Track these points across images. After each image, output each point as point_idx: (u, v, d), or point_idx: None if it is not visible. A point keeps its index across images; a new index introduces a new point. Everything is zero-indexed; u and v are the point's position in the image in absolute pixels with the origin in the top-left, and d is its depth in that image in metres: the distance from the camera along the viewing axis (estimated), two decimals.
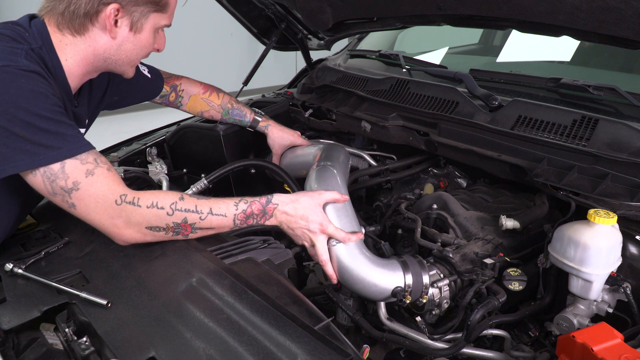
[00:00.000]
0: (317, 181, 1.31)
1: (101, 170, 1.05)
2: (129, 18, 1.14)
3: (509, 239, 1.28)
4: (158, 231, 1.08)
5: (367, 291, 1.12)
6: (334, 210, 1.19)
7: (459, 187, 1.67)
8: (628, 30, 1.10)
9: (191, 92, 1.66)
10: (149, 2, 1.14)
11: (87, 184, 1.03)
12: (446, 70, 1.77)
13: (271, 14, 1.99)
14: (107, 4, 1.09)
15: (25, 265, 1.09)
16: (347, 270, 1.12)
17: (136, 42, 1.18)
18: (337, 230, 1.14)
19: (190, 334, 0.86)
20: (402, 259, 1.16)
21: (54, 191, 1.02)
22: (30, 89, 1.00)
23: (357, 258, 1.13)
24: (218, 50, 6.33)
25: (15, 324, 0.94)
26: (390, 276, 1.12)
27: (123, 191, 1.06)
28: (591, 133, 1.25)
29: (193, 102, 1.67)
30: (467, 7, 1.34)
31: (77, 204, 1.04)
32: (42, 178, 1.01)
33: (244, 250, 1.12)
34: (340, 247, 1.13)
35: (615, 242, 1.04)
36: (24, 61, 1.03)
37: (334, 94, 1.96)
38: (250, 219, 1.14)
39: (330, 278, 1.14)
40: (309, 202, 1.16)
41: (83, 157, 1.03)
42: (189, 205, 1.09)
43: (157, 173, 1.68)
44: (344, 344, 0.85)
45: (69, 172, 1.02)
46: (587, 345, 0.84)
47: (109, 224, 1.06)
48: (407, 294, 1.10)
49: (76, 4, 1.08)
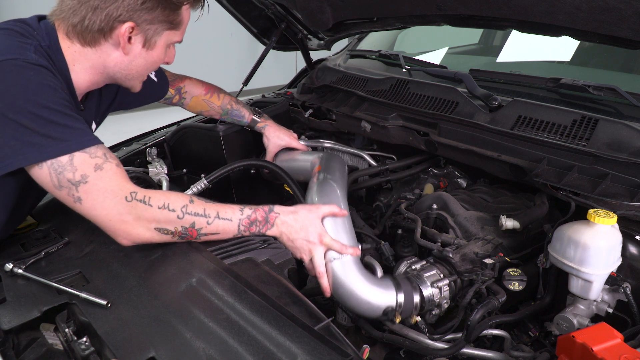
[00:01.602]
0: (319, 195, 1.31)
1: (110, 166, 1.04)
2: (143, 35, 1.14)
3: (509, 239, 1.28)
4: (165, 234, 1.08)
5: (359, 308, 1.13)
6: (333, 224, 1.19)
7: (459, 187, 1.67)
8: (628, 30, 1.10)
9: (193, 94, 1.67)
10: (164, 20, 1.14)
11: (96, 178, 1.01)
12: (446, 70, 1.77)
13: (271, 14, 1.99)
14: (122, 22, 1.09)
15: (25, 266, 1.09)
16: (342, 286, 1.13)
17: (148, 58, 1.19)
18: (334, 241, 1.15)
19: (190, 334, 0.86)
20: (395, 279, 1.17)
21: (60, 184, 1.00)
22: (39, 82, 1.00)
23: (352, 275, 1.13)
24: (218, 50, 6.32)
25: (15, 324, 0.94)
26: (383, 295, 1.12)
27: (133, 188, 1.05)
28: (591, 133, 1.25)
29: (194, 103, 1.69)
30: (467, 7, 1.34)
31: (84, 197, 1.01)
32: (49, 170, 1.00)
33: (244, 250, 1.12)
34: (336, 263, 1.13)
35: (615, 242, 1.04)
36: (33, 55, 1.03)
37: (334, 94, 1.96)
38: (253, 225, 1.14)
39: (324, 291, 1.14)
40: (307, 214, 1.17)
41: (92, 151, 1.02)
42: (198, 208, 1.09)
43: (157, 173, 1.69)
44: (344, 344, 0.85)
45: (78, 164, 1.00)
46: (587, 345, 0.84)
47: (117, 220, 1.03)
48: (397, 313, 1.11)
49: (90, 20, 1.08)
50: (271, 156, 1.75)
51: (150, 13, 1.11)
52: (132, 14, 1.09)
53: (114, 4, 1.07)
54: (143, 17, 1.10)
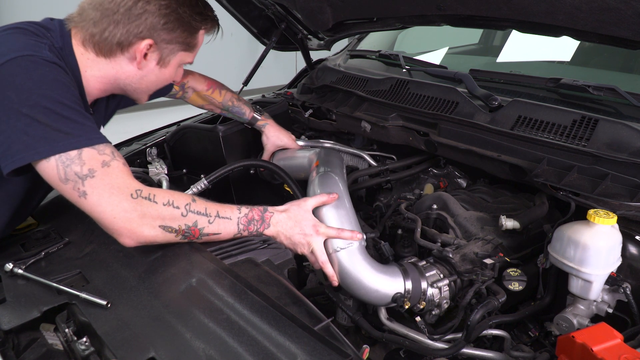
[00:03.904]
0: (320, 187, 1.31)
1: (117, 164, 1.04)
2: (159, 53, 1.18)
3: (509, 239, 1.28)
4: (170, 232, 1.07)
5: (368, 296, 1.13)
6: (335, 213, 1.20)
7: (459, 187, 1.67)
8: (628, 30, 1.10)
9: (196, 88, 1.69)
10: (181, 42, 1.19)
11: (103, 174, 1.02)
12: (446, 70, 1.77)
13: (271, 14, 1.99)
14: (142, 39, 1.13)
15: (25, 266, 1.09)
16: (349, 275, 1.13)
17: (159, 75, 1.23)
18: (330, 228, 1.16)
19: (190, 334, 0.86)
20: (402, 265, 1.17)
21: (66, 177, 1.00)
22: (53, 78, 1.02)
23: (359, 264, 1.13)
24: (218, 50, 6.31)
25: (15, 324, 0.94)
26: (391, 282, 1.13)
27: (138, 186, 1.05)
28: (591, 133, 1.25)
29: (196, 97, 1.71)
30: (467, 7, 1.34)
31: (89, 192, 1.01)
32: (57, 162, 0.99)
33: (244, 250, 1.12)
34: (342, 253, 1.14)
35: (615, 242, 1.04)
36: (48, 53, 1.04)
37: (333, 94, 1.96)
38: (251, 224, 1.15)
39: (331, 279, 1.15)
40: (298, 209, 1.19)
41: (101, 148, 1.03)
42: (200, 207, 1.09)
43: (157, 173, 1.69)
44: (343, 344, 0.85)
45: (86, 159, 1.01)
46: (587, 346, 0.84)
47: (122, 217, 1.02)
48: (406, 300, 1.12)
49: (111, 33, 1.11)
50: (268, 155, 1.76)
51: (170, 34, 1.16)
52: (152, 32, 1.14)
53: (137, 21, 1.11)
54: (162, 36, 1.15)
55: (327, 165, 1.41)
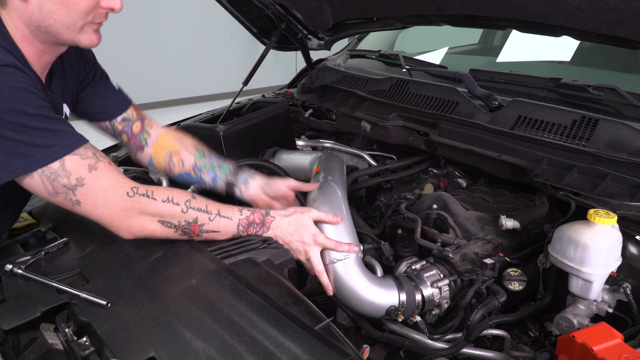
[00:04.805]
0: (320, 196, 1.31)
1: (103, 164, 1.02)
2: None
3: (509, 239, 1.28)
4: (169, 227, 1.07)
5: (363, 308, 1.13)
6: (334, 226, 1.20)
7: (459, 187, 1.67)
8: (628, 30, 1.10)
9: (160, 131, 1.44)
10: None
11: (93, 179, 0.99)
12: (446, 70, 1.77)
13: (271, 14, 1.99)
14: None
15: (25, 265, 1.09)
16: (344, 287, 1.13)
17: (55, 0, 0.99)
18: (328, 239, 1.16)
19: (190, 334, 0.86)
20: (397, 278, 1.17)
21: (55, 190, 0.98)
22: (11, 87, 0.93)
23: (354, 276, 1.13)
24: (218, 50, 6.33)
25: (15, 324, 0.94)
26: (385, 295, 1.12)
27: (133, 184, 1.04)
28: (591, 133, 1.25)
29: (162, 140, 1.42)
30: (467, 7, 1.34)
31: (83, 200, 1.00)
32: (41, 178, 0.97)
33: (244, 250, 1.12)
34: (339, 265, 1.14)
35: (615, 242, 1.04)
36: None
37: (334, 94, 1.96)
38: (251, 227, 1.15)
39: (326, 288, 1.15)
40: (300, 216, 1.18)
41: (82, 152, 0.99)
42: (200, 204, 1.09)
43: (157, 173, 1.68)
44: (344, 344, 0.85)
45: (70, 168, 0.97)
46: (587, 345, 0.84)
47: (120, 215, 1.02)
48: (400, 313, 1.12)
49: None
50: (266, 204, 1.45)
51: None
52: None
53: None
54: None
55: (327, 172, 1.41)
